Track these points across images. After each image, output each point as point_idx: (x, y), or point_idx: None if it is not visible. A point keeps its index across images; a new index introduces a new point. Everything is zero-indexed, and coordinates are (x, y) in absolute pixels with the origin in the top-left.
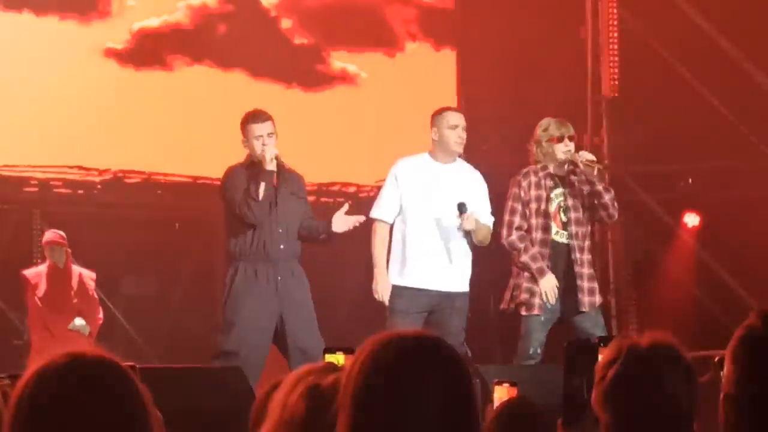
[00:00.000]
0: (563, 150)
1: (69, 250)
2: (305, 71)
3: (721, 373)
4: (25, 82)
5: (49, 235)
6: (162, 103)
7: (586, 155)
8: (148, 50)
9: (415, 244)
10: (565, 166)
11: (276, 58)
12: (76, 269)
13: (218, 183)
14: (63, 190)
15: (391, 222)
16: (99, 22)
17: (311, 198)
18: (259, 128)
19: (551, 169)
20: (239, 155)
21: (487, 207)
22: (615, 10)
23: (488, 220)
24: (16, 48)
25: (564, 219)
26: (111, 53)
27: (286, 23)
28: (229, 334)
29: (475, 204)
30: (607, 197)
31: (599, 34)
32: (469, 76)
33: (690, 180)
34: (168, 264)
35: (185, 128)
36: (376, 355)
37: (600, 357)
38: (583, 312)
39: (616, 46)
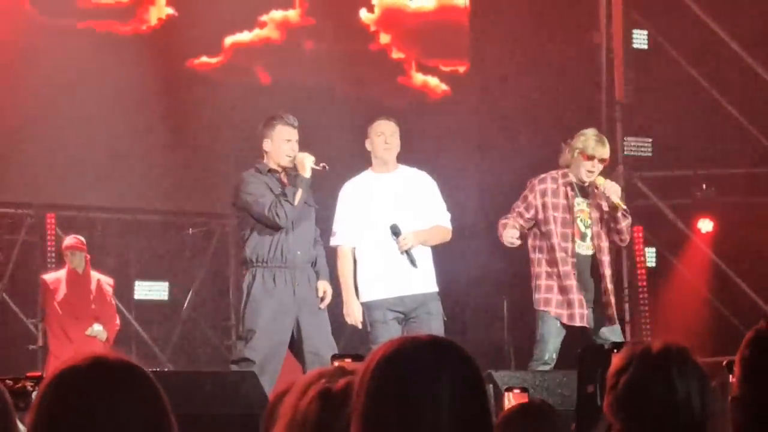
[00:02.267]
0: (588, 168)
1: (88, 256)
2: (388, 84)
3: (731, 376)
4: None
5: (70, 240)
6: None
7: (614, 196)
8: (239, 64)
9: (374, 258)
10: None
11: (364, 70)
12: (95, 275)
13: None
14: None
15: (351, 245)
16: (140, 29)
17: None
18: (291, 132)
19: (572, 177)
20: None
21: (438, 205)
22: (628, 15)
23: (441, 219)
24: (53, 54)
25: (584, 230)
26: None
27: (384, 38)
28: (248, 341)
29: (422, 204)
30: (624, 224)
31: (612, 39)
32: (481, 84)
33: (704, 185)
34: (181, 269)
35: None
36: (390, 358)
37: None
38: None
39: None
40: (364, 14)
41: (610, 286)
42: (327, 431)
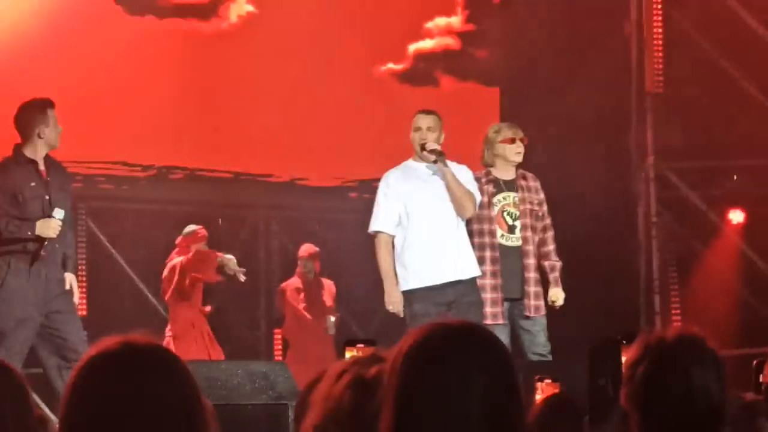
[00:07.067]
0: (516, 151)
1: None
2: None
3: (761, 376)
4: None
5: (308, 247)
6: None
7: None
8: (421, 69)
9: (418, 246)
10: (516, 172)
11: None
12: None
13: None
14: (107, 186)
15: (392, 233)
16: (220, 27)
17: None
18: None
19: (496, 173)
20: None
21: (474, 192)
22: (659, 6)
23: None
24: (126, 50)
25: (512, 222)
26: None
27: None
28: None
29: None
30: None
31: (643, 29)
32: (512, 74)
33: (735, 176)
34: None
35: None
36: (420, 344)
37: (624, 355)
38: (529, 318)
39: (660, 42)
40: None
41: (533, 275)
42: (360, 418)
